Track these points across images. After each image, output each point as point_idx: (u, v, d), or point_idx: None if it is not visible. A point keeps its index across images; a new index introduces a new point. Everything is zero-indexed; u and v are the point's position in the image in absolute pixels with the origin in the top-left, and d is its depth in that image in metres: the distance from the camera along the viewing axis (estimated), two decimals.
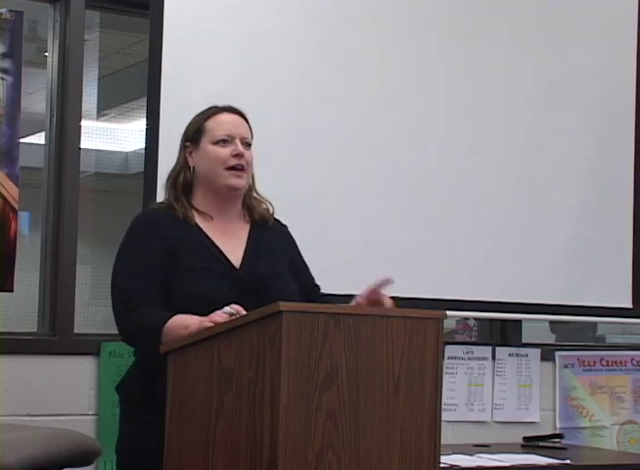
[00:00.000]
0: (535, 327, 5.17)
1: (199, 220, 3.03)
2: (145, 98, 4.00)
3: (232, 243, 3.05)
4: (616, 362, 5.03)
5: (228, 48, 4.08)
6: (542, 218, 4.70)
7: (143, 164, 3.96)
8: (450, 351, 4.55)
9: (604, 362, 5.00)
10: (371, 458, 2.66)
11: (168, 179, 3.10)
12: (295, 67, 4.21)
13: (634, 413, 5.04)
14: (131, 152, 7.83)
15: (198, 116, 3.12)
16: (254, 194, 3.15)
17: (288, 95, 4.19)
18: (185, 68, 4.00)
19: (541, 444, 4.48)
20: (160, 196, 3.88)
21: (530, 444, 4.50)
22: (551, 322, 5.36)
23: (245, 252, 3.05)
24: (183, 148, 3.09)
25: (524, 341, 4.87)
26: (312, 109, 4.24)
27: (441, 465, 2.91)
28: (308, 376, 2.59)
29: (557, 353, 4.89)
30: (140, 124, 4.09)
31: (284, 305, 2.57)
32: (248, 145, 3.07)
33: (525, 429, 4.67)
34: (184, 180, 3.05)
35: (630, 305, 4.92)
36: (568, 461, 4.03)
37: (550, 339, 5.52)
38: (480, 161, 4.57)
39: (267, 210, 3.15)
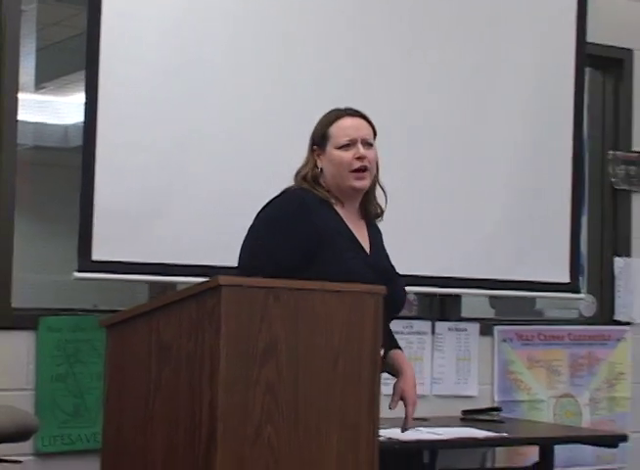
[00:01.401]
0: (475, 302, 5.21)
1: (336, 206, 3.20)
2: (84, 71, 3.96)
3: (360, 233, 3.23)
4: (553, 337, 5.09)
5: (169, 22, 4.05)
6: (480, 194, 4.73)
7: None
8: (394, 325, 4.56)
9: (541, 337, 5.05)
10: (310, 431, 2.67)
11: (298, 174, 3.25)
12: (237, 43, 4.19)
13: (571, 386, 5.10)
14: (71, 125, 7.75)
15: (322, 121, 3.27)
16: (374, 190, 3.30)
17: (230, 71, 4.17)
18: (125, 41, 3.96)
19: (479, 417, 4.52)
20: (100, 170, 3.89)
21: (469, 417, 4.54)
22: (490, 297, 5.40)
23: (369, 242, 3.25)
24: (311, 151, 3.26)
25: (463, 315, 4.91)
26: (254, 84, 4.22)
27: (380, 438, 2.93)
28: (247, 350, 2.59)
29: (495, 328, 4.93)
30: (80, 97, 4.04)
31: (223, 279, 2.57)
32: (369, 145, 3.23)
33: (464, 402, 4.71)
34: (313, 176, 3.22)
35: (568, 280, 4.98)
36: (505, 434, 4.07)
37: (490, 313, 5.57)
38: (419, 133, 4.58)
39: (380, 207, 3.31)
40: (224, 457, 2.53)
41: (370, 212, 3.29)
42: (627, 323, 5.29)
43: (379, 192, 3.30)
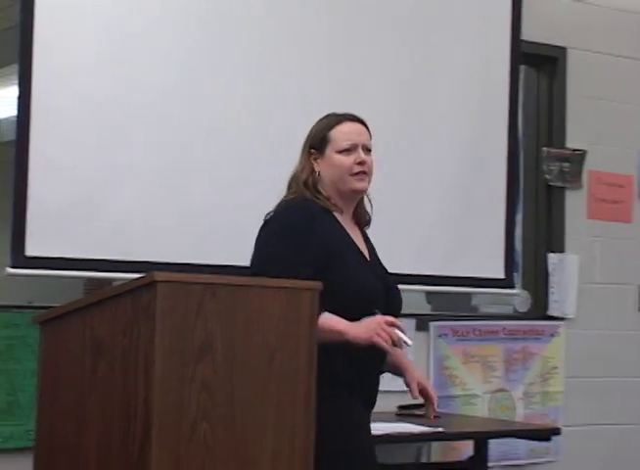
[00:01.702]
0: (411, 297, 5.23)
1: (336, 214, 3.21)
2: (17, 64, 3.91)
3: (358, 239, 3.26)
4: (488, 332, 5.13)
5: (105, 15, 4.01)
6: (417, 191, 4.75)
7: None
8: None
9: (477, 332, 5.09)
10: (246, 429, 2.67)
11: (295, 180, 3.22)
12: (172, 35, 4.16)
13: (505, 382, 5.15)
14: (4, 119, 7.64)
15: (321, 124, 3.26)
16: (365, 196, 3.36)
17: (170, 61, 4.14)
18: (60, 33, 3.91)
19: (415, 412, 4.53)
20: (33, 165, 3.85)
21: (405, 412, 4.56)
22: (427, 293, 5.43)
23: (367, 248, 3.28)
24: (308, 154, 3.22)
25: None
26: (194, 76, 4.20)
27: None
28: (183, 346, 2.58)
29: (431, 324, 4.96)
30: (13, 91, 3.99)
31: (158, 275, 2.55)
32: (368, 150, 3.27)
33: (400, 398, 4.71)
34: (313, 182, 3.20)
35: (503, 276, 5.02)
36: (440, 429, 4.10)
37: (426, 309, 5.60)
38: None
39: (368, 213, 3.36)
40: (159, 455, 2.52)
41: (360, 219, 3.32)
42: (561, 318, 5.35)
43: None
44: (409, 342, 3.06)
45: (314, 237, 3.07)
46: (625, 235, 5.54)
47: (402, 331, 3.04)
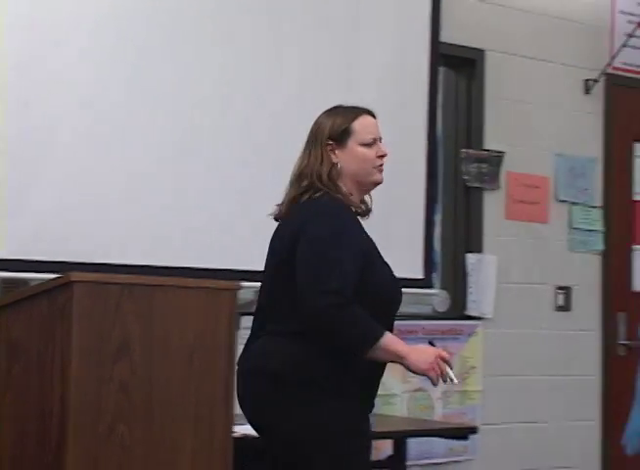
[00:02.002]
0: None
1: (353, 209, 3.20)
2: None
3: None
4: (408, 332, 5.16)
5: (21, 9, 3.98)
6: None
7: None
8: (247, 321, 4.54)
9: (396, 332, 5.10)
10: (164, 429, 2.67)
11: (314, 173, 3.16)
12: (92, 34, 4.12)
13: (424, 381, 5.15)
14: None
15: (339, 117, 3.21)
16: None
17: (81, 63, 4.10)
18: None
19: None
20: None
21: None
22: None
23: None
24: (325, 145, 3.18)
25: None
26: (110, 80, 4.16)
27: (235, 435, 2.93)
28: (100, 347, 2.57)
29: None
30: None
31: (74, 276, 2.53)
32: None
33: None
34: (336, 173, 3.17)
35: (421, 276, 5.05)
36: None
37: None
38: (279, 133, 4.59)
39: (368, 204, 3.31)
40: (75, 455, 2.50)
41: (364, 209, 3.30)
42: (479, 318, 5.40)
43: None
44: (455, 380, 3.06)
45: (355, 238, 3.08)
46: (542, 235, 5.62)
47: (451, 367, 3.08)
